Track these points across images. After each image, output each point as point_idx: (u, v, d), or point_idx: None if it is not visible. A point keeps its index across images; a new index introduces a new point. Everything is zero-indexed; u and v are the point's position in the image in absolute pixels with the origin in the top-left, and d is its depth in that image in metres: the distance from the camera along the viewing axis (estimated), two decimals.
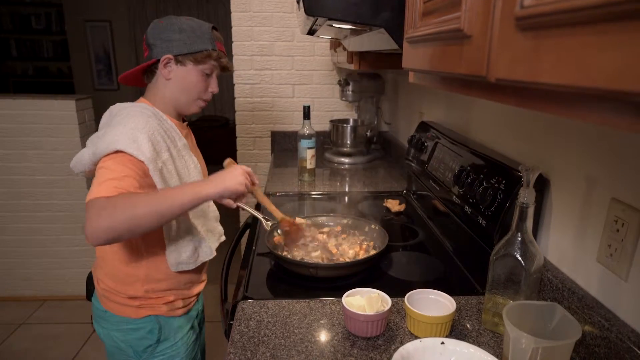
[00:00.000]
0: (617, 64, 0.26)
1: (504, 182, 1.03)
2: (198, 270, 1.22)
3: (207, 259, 1.20)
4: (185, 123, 1.25)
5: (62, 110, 2.61)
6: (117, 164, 0.97)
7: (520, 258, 0.83)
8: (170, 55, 1.10)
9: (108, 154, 0.98)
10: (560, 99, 0.35)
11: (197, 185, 0.99)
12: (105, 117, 1.13)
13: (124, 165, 0.97)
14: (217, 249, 1.24)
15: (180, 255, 1.13)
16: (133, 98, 1.24)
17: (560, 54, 0.32)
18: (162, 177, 1.04)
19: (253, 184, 1.12)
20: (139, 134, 1.00)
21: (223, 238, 1.28)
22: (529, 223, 0.83)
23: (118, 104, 1.13)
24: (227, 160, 1.19)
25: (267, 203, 1.23)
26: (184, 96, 1.15)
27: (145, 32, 1.13)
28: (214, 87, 1.18)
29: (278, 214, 1.24)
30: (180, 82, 1.13)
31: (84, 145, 2.64)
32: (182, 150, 1.15)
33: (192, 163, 1.18)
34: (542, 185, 0.96)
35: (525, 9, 0.36)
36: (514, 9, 0.38)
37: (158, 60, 1.11)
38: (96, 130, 1.12)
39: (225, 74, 1.22)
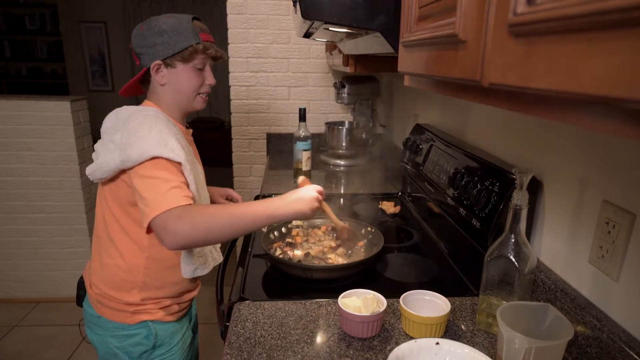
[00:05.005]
0: (607, 71, 0.27)
1: (497, 184, 1.04)
2: (194, 277, 1.20)
3: (218, 263, 1.21)
4: (190, 130, 1.24)
5: (57, 112, 2.58)
6: (166, 172, 0.97)
7: (513, 259, 0.84)
8: (158, 61, 1.08)
9: (143, 162, 0.97)
10: (552, 104, 0.36)
11: (271, 206, 1.00)
12: (111, 120, 1.09)
13: (170, 171, 0.98)
14: None
15: (194, 262, 1.13)
16: (128, 100, 1.23)
17: (552, 60, 0.33)
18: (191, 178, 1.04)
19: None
20: (166, 137, 1.00)
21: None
22: (522, 225, 0.84)
23: (125, 108, 1.10)
24: (301, 179, 1.18)
25: (330, 214, 1.24)
26: (183, 96, 1.14)
27: (131, 42, 1.11)
28: (210, 80, 1.16)
29: (339, 224, 1.27)
30: (175, 84, 1.12)
31: (79, 147, 2.67)
32: (192, 155, 1.16)
33: (200, 169, 1.19)
34: (535, 188, 0.97)
35: (518, 16, 0.37)
36: (507, 15, 0.39)
37: (149, 69, 1.09)
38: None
39: (218, 62, 1.19)
